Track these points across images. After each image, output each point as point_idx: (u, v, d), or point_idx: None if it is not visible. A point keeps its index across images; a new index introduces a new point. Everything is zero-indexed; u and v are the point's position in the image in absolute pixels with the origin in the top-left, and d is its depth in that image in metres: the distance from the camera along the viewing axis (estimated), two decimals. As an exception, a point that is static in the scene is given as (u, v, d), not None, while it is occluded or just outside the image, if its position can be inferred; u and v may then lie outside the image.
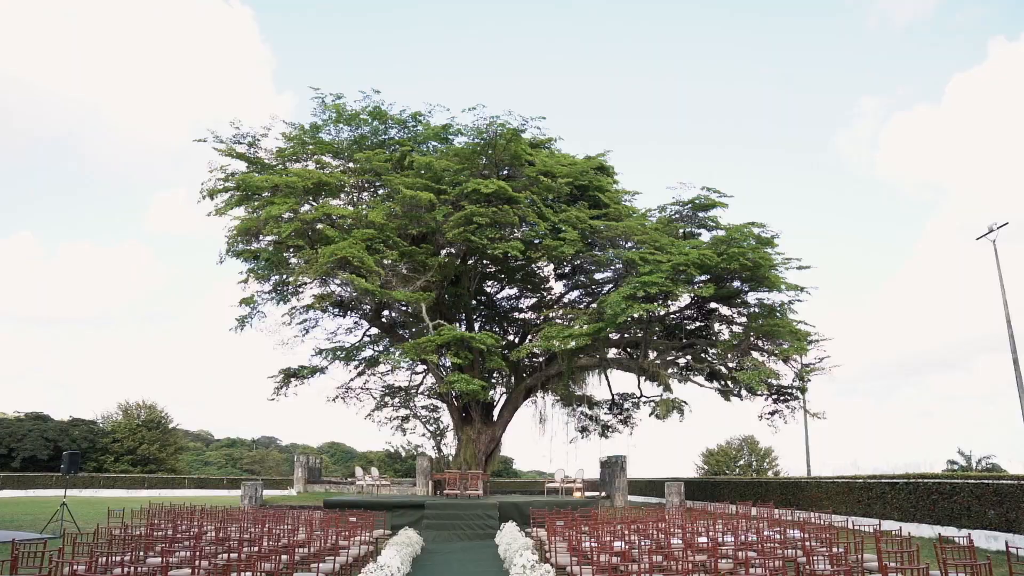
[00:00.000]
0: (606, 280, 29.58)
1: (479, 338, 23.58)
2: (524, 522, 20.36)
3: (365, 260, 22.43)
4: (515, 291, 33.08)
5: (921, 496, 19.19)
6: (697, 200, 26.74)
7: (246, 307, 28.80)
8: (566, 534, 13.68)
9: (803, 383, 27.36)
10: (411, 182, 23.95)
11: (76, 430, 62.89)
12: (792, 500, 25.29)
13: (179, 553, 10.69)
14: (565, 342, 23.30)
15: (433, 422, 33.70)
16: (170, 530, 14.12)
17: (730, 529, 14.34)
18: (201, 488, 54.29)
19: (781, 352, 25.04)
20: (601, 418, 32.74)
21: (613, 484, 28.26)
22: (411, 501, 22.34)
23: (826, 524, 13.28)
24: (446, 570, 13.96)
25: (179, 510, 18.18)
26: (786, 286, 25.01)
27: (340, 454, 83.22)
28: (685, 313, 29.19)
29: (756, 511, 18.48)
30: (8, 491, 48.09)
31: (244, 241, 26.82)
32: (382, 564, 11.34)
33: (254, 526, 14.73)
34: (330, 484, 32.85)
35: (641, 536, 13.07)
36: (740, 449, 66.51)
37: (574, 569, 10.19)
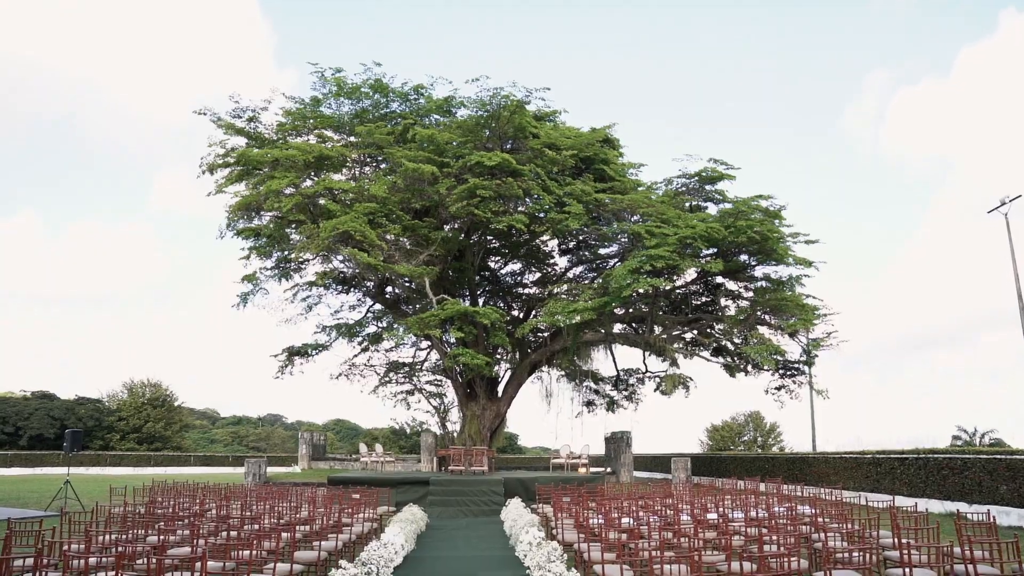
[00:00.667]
0: (611, 255, 29.28)
1: (483, 313, 23.30)
2: (529, 498, 20.22)
3: (367, 234, 22.11)
4: (519, 266, 32.77)
5: (931, 471, 18.98)
6: (704, 172, 26.33)
7: (248, 284, 28.57)
8: (573, 510, 13.47)
9: (810, 358, 27.12)
10: (413, 155, 23.55)
11: (82, 408, 63.13)
12: (799, 475, 25.13)
13: (179, 531, 10.50)
14: (570, 317, 23.01)
15: (437, 398, 33.55)
16: (171, 508, 13.94)
17: (739, 505, 14.11)
18: (207, 466, 54.46)
19: (788, 326, 24.74)
20: (607, 392, 32.55)
21: (618, 460, 28.15)
22: (416, 477, 22.20)
23: (837, 500, 13.03)
24: (451, 547, 13.78)
25: (181, 487, 18.04)
26: (794, 260, 24.67)
27: (346, 431, 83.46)
28: (691, 288, 28.89)
29: (764, 487, 18.27)
30: (16, 469, 48.44)
31: (245, 217, 26.52)
32: (386, 541, 11.13)
33: (256, 504, 14.55)
34: (335, 461, 32.81)
35: (649, 512, 12.85)
36: (745, 425, 66.53)
37: (581, 546, 9.97)
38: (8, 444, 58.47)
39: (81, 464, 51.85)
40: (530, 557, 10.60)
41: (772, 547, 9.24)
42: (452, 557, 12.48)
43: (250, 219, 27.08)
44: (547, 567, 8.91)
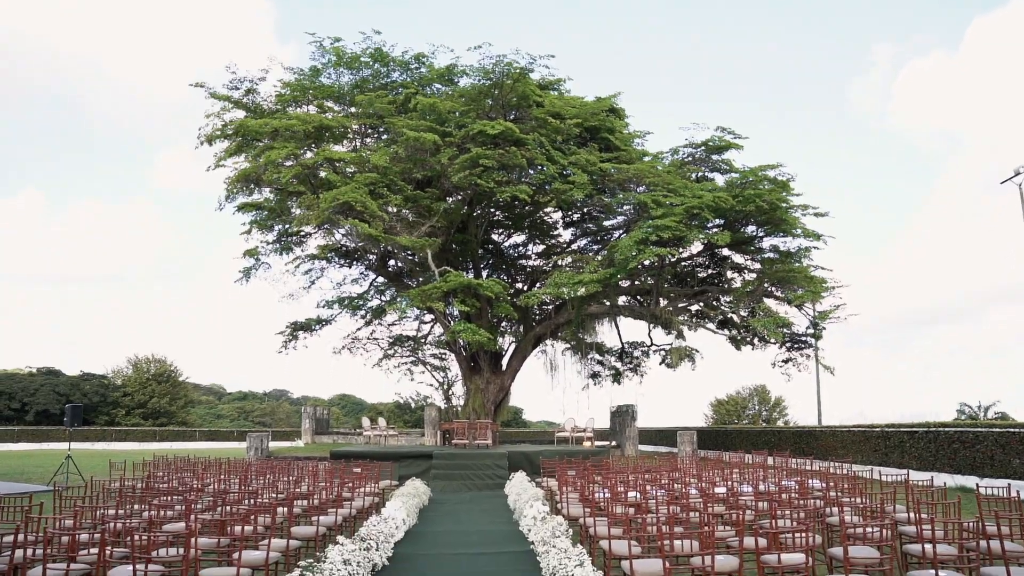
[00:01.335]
0: (616, 227, 28.84)
1: (486, 285, 22.93)
2: (534, 472, 20.02)
3: (368, 205, 21.71)
4: (523, 239, 32.33)
5: (941, 445, 18.68)
6: (711, 142, 25.80)
7: (250, 259, 28.28)
8: (578, 484, 13.20)
9: (817, 331, 26.77)
10: (415, 124, 23.07)
11: (87, 384, 63.30)
12: (806, 449, 24.87)
13: (177, 507, 10.26)
14: (574, 288, 22.63)
15: (441, 371, 33.33)
16: (168, 483, 13.72)
17: (747, 479, 13.84)
18: (212, 441, 54.59)
19: (796, 298, 24.35)
20: (612, 365, 32.29)
21: (623, 433, 27.93)
22: (419, 451, 22.01)
23: (848, 474, 12.72)
24: (454, 521, 13.55)
25: (181, 462, 17.84)
26: (803, 231, 24.23)
27: (351, 406, 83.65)
28: (696, 260, 28.50)
29: (773, 460, 17.99)
30: (23, 444, 48.66)
31: (244, 189, 26.12)
32: (387, 516, 10.88)
33: (256, 478, 14.32)
34: (338, 435, 32.68)
35: (656, 486, 12.57)
36: (750, 399, 66.35)
37: (587, 521, 9.70)
38: (15, 420, 58.74)
39: (87, 439, 52.01)
40: (534, 532, 10.34)
41: (784, 522, 8.95)
42: (455, 531, 12.25)
43: (250, 192, 26.71)
44: (552, 542, 8.64)
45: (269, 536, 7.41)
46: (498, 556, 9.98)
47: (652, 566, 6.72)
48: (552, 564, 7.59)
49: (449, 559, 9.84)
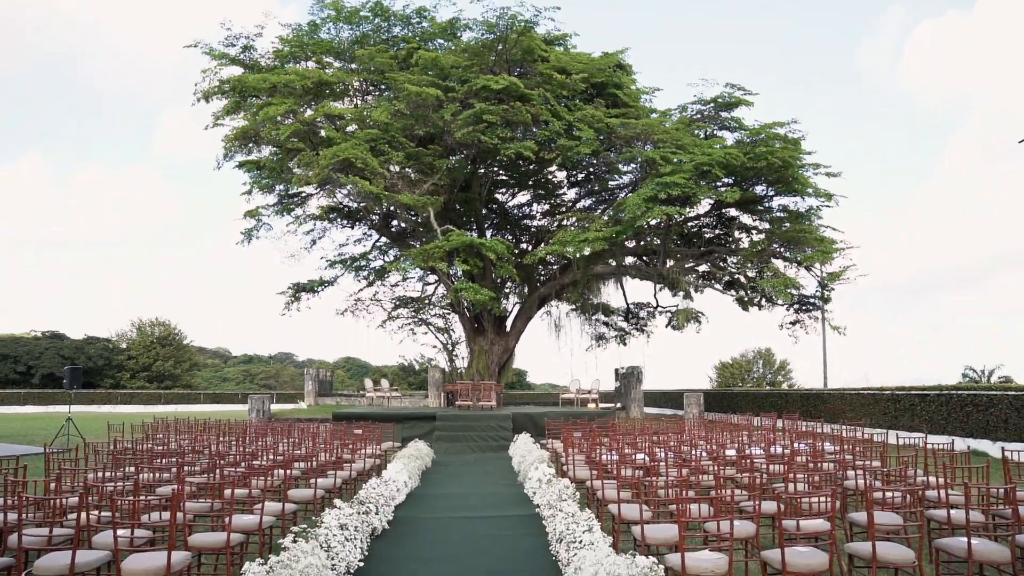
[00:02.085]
0: (622, 186, 28.26)
1: (489, 244, 22.46)
2: (538, 434, 19.79)
3: (369, 162, 21.16)
4: (527, 198, 31.76)
5: (954, 408, 18.33)
6: (720, 98, 25.10)
7: (251, 220, 27.83)
8: (584, 446, 12.89)
9: (826, 293, 26.34)
10: (417, 79, 22.41)
11: (91, 348, 63.35)
12: (813, 412, 24.59)
13: (172, 470, 9.96)
14: (580, 247, 22.14)
15: (445, 333, 33.04)
16: (165, 445, 13.44)
17: (757, 441, 13.51)
18: (216, 403, 54.64)
19: (806, 259, 23.86)
20: (617, 326, 31.94)
21: (629, 395, 27.68)
22: (422, 413, 21.78)
23: (863, 437, 12.38)
24: (457, 484, 13.28)
25: (181, 424, 17.60)
26: (814, 191, 23.66)
27: (355, 368, 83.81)
28: (704, 221, 27.97)
29: (782, 423, 17.68)
30: (29, 407, 48.82)
31: (243, 148, 25.55)
32: (387, 478, 10.57)
33: (256, 440, 14.05)
34: (341, 397, 32.52)
35: (664, 448, 12.25)
36: (754, 361, 66.24)
37: (594, 484, 9.37)
38: (21, 383, 58.92)
39: (92, 402, 52.12)
40: (539, 495, 10.04)
41: (798, 486, 8.61)
42: (457, 494, 11.96)
43: (249, 150, 26.16)
44: (558, 506, 8.30)
45: (263, 500, 7.07)
46: (503, 519, 9.68)
47: (664, 532, 6.37)
48: (559, 528, 7.25)
49: (452, 522, 9.54)
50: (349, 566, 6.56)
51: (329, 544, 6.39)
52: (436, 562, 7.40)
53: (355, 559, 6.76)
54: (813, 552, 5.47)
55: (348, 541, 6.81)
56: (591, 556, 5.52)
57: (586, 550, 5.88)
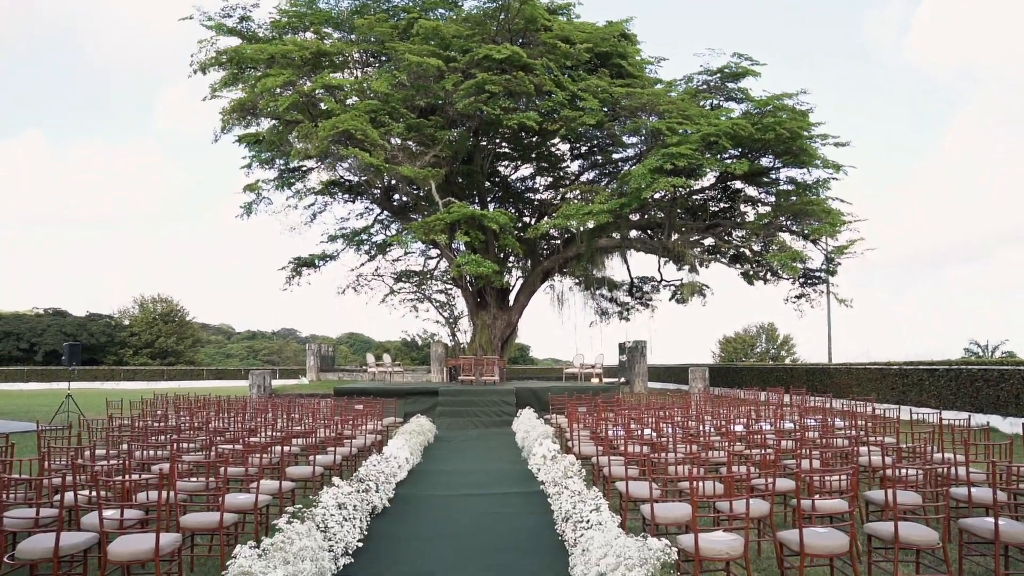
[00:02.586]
0: (626, 159, 27.83)
1: (491, 216, 22.09)
2: (542, 409, 19.60)
3: (369, 133, 20.76)
4: (530, 171, 31.31)
5: (963, 383, 18.08)
6: (727, 68, 24.59)
7: (251, 194, 27.47)
8: (588, 421, 12.66)
9: (832, 266, 26.02)
10: (417, 49, 21.91)
11: (94, 325, 63.33)
12: (819, 387, 24.38)
13: (168, 448, 9.74)
14: (584, 220, 21.76)
15: (447, 307, 32.77)
16: (163, 422, 13.23)
17: (765, 417, 13.27)
18: (220, 379, 54.65)
19: (814, 231, 23.50)
20: (621, 300, 31.66)
21: (633, 370, 27.47)
22: (424, 388, 21.58)
23: (874, 412, 12.11)
24: (460, 460, 13.07)
25: (181, 400, 17.41)
26: (822, 162, 23.25)
27: (359, 344, 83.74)
28: (709, 194, 27.59)
29: (789, 398, 17.44)
30: (33, 384, 48.89)
31: (240, 120, 25.12)
32: (388, 455, 10.34)
33: (255, 416, 13.84)
34: (343, 372, 32.35)
35: (670, 424, 12.02)
36: (757, 336, 66.08)
37: (600, 460, 9.13)
38: (24, 360, 58.97)
39: (95, 379, 52.18)
40: (544, 471, 9.81)
41: (810, 463, 8.36)
42: (460, 471, 11.75)
43: (247, 123, 25.72)
44: (563, 483, 8.07)
45: (258, 478, 6.83)
46: (506, 496, 9.46)
47: (675, 511, 6.12)
48: (565, 507, 7.01)
49: (454, 500, 9.31)
50: (347, 546, 6.32)
51: (326, 524, 6.15)
52: (438, 541, 7.17)
53: (354, 539, 6.52)
54: (832, 533, 5.21)
55: (346, 521, 6.57)
56: (599, 537, 5.27)
57: (594, 531, 5.63)
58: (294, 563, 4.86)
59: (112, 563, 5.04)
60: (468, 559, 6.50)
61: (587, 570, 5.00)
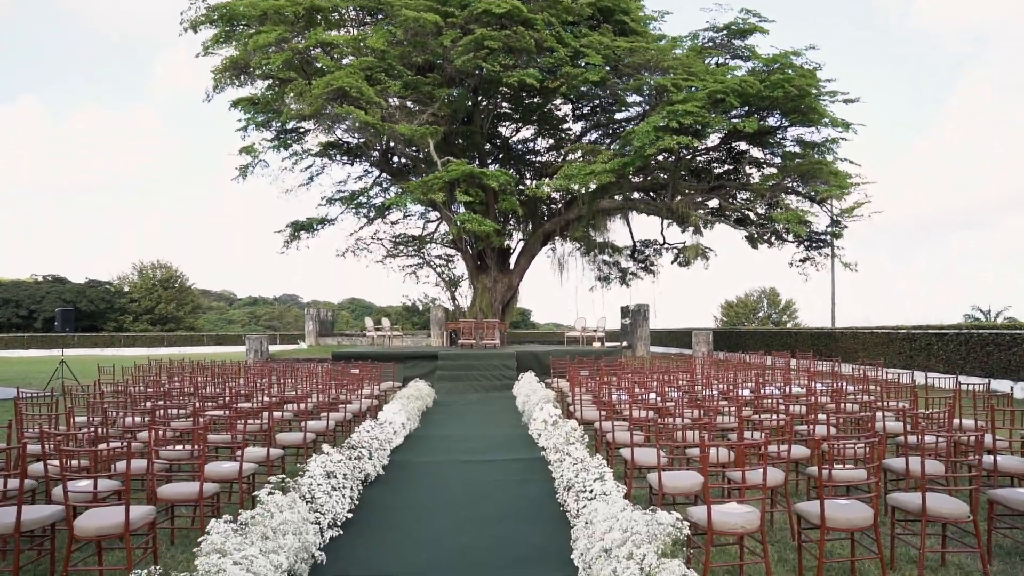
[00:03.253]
0: (629, 119, 27.16)
1: (491, 175, 21.51)
2: (543, 373, 19.28)
3: (364, 91, 20.12)
4: (531, 132, 30.63)
5: (974, 348, 17.69)
6: (734, 25, 23.82)
7: (247, 156, 26.83)
8: (591, 385, 12.31)
9: (838, 229, 25.51)
10: (414, 3, 21.17)
11: (93, 291, 63.03)
12: (824, 351, 24.05)
13: (158, 412, 9.39)
14: (586, 180, 21.18)
15: (447, 271, 32.34)
16: (156, 388, 12.89)
17: (772, 381, 12.91)
18: (220, 345, 54.48)
19: (823, 192, 22.96)
20: (622, 264, 31.21)
21: (635, 334, 27.11)
22: (424, 352, 21.24)
23: (889, 378, 11.71)
24: (459, 425, 12.74)
25: (176, 366, 17.08)
26: (831, 121, 22.62)
27: (360, 309, 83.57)
28: (713, 155, 26.97)
29: (796, 362, 17.08)
30: (33, 351, 48.76)
31: (232, 79, 24.40)
32: (383, 420, 10.00)
33: (251, 381, 13.50)
34: (342, 337, 32.03)
35: (676, 388, 11.66)
36: (759, 301, 65.84)
37: (604, 425, 8.77)
38: (23, 327, 58.79)
39: (95, 346, 52.04)
40: (545, 437, 9.47)
41: (828, 429, 8.00)
42: (459, 436, 11.41)
43: (241, 82, 25.00)
44: (565, 449, 7.71)
45: (242, 445, 6.45)
46: (506, 463, 9.11)
47: (683, 480, 5.75)
48: (567, 475, 6.65)
49: (452, 467, 8.96)
50: (336, 518, 5.96)
51: (313, 495, 5.79)
52: (433, 511, 6.82)
53: (343, 510, 6.16)
54: (854, 505, 4.83)
55: (335, 491, 6.21)
56: (604, 509, 4.90)
57: (598, 502, 5.26)
58: (274, 538, 4.49)
59: (80, 538, 4.67)
60: (465, 530, 6.15)
61: (590, 544, 4.63)
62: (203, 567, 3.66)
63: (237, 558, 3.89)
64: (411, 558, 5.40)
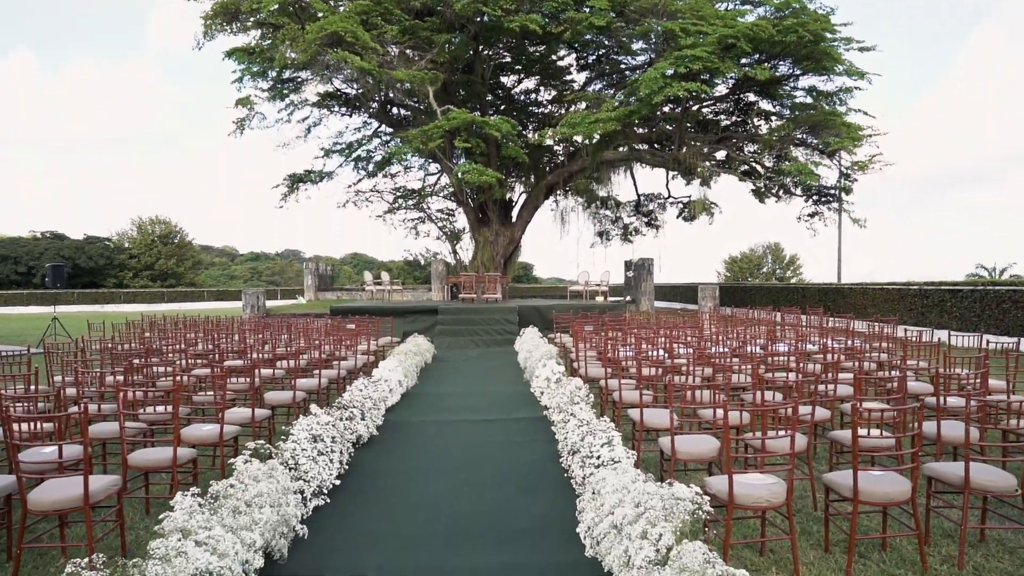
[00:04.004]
0: (634, 68, 26.24)
1: (493, 123, 20.75)
2: (546, 328, 18.85)
3: (360, 35, 19.31)
4: (533, 83, 29.70)
5: (988, 305, 17.18)
6: (745, -34, 22.79)
7: (243, 108, 26.02)
8: (595, 341, 11.85)
9: (848, 182, 24.80)
10: (411, -56, 20.26)
11: (92, 248, 62.62)
12: (832, 307, 23.56)
13: (136, 372, 8.94)
14: (591, 128, 20.40)
15: (448, 224, 31.73)
16: (145, 344, 12.45)
17: (780, 338, 12.43)
18: (221, 301, 54.22)
19: (835, 144, 22.19)
20: (625, 220, 30.59)
21: (639, 288, 26.61)
22: (424, 306, 20.78)
23: (905, 336, 11.20)
24: (458, 381, 12.32)
25: (170, 322, 16.63)
26: (847, 69, 21.74)
27: (362, 264, 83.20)
28: (720, 107, 26.12)
29: (807, 319, 16.56)
30: (33, 307, 48.50)
31: (224, 24, 23.50)
32: (378, 378, 9.55)
33: (240, 338, 13.04)
34: (342, 292, 31.56)
35: (684, 344, 11.20)
36: (763, 256, 65.30)
37: (610, 383, 8.32)
38: (23, 284, 58.48)
39: (95, 302, 51.82)
40: (548, 395, 9.03)
41: (846, 389, 7.54)
42: (458, 393, 10.99)
43: (232, 29, 24.10)
44: (569, 410, 7.27)
45: (222, 406, 5.98)
46: (507, 423, 8.69)
47: (699, 445, 5.29)
48: (571, 439, 6.20)
49: (449, 427, 8.53)
50: (322, 485, 5.53)
51: (296, 461, 5.35)
52: (427, 476, 6.39)
53: (330, 476, 5.72)
54: (890, 477, 4.36)
55: (322, 455, 5.77)
56: (613, 479, 4.44)
57: (606, 470, 4.80)
58: (248, 512, 4.04)
59: (35, 512, 4.23)
60: (461, 497, 5.71)
61: (598, 518, 4.19)
62: (159, 551, 3.21)
63: (202, 537, 3.44)
64: (403, 530, 4.97)
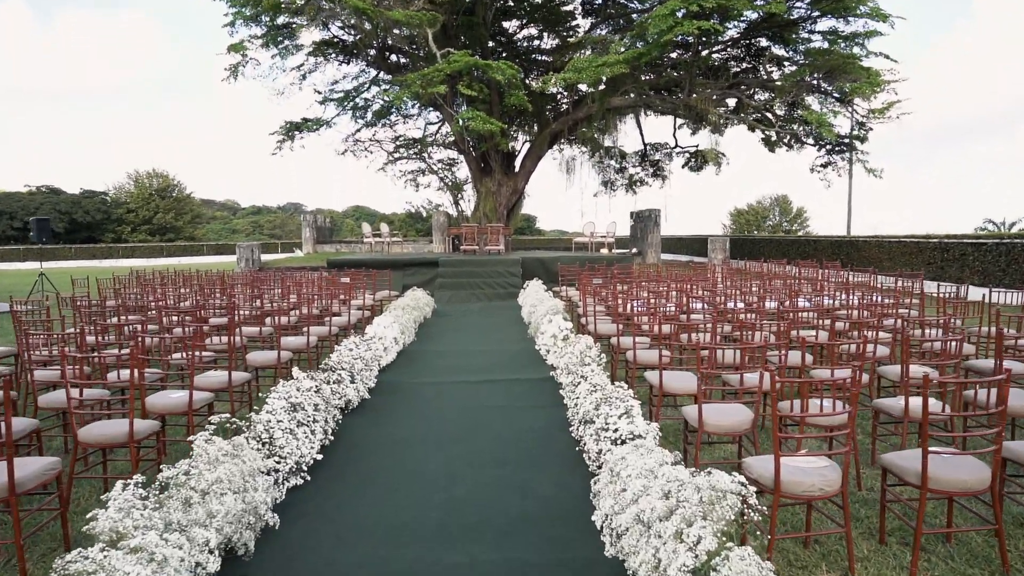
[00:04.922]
0: (642, 10, 25.02)
1: (496, 67, 19.70)
2: (550, 281, 18.16)
3: (353, -27, 18.21)
4: (536, 31, 28.48)
5: (1014, 259, 16.38)
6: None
7: (236, 55, 24.88)
8: (603, 294, 11.16)
9: (863, 132, 23.80)
10: None
11: (88, 202, 61.71)
12: (844, 261, 22.79)
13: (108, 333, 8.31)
14: (597, 72, 19.34)
15: (450, 175, 30.80)
16: (128, 301, 11.79)
17: (799, 292, 11.71)
18: (220, 255, 53.57)
19: (854, 89, 21.09)
20: (630, 170, 29.65)
21: (645, 240, 25.84)
22: (423, 259, 20.06)
23: (942, 294, 10.44)
24: (459, 338, 11.66)
25: (157, 276, 15.96)
26: (872, 11, 20.55)
27: (364, 216, 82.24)
28: (731, 53, 24.95)
29: (822, 272, 15.83)
30: (29, 263, 47.95)
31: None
32: (371, 336, 8.88)
33: (228, 292, 12.37)
34: (341, 244, 30.82)
35: (697, 299, 10.51)
36: (770, 209, 64.37)
37: (622, 341, 7.65)
38: (19, 239, 57.75)
39: (93, 257, 51.23)
40: (555, 354, 8.38)
41: (882, 347, 6.86)
42: (458, 351, 10.32)
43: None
44: (580, 371, 6.60)
45: (191, 370, 5.30)
46: (510, 384, 8.03)
47: (729, 417, 4.62)
48: (584, 407, 5.54)
49: (448, 389, 7.88)
50: (300, 462, 4.88)
51: (271, 436, 4.69)
52: (421, 449, 5.73)
53: (311, 451, 5.08)
54: (966, 463, 3.67)
55: (302, 426, 5.12)
56: (636, 460, 3.77)
57: (626, 447, 4.14)
58: (203, 503, 3.39)
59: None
60: (457, 475, 5.05)
61: (620, 509, 3.54)
62: (73, 567, 2.55)
63: (136, 543, 2.78)
64: (390, 518, 4.32)
